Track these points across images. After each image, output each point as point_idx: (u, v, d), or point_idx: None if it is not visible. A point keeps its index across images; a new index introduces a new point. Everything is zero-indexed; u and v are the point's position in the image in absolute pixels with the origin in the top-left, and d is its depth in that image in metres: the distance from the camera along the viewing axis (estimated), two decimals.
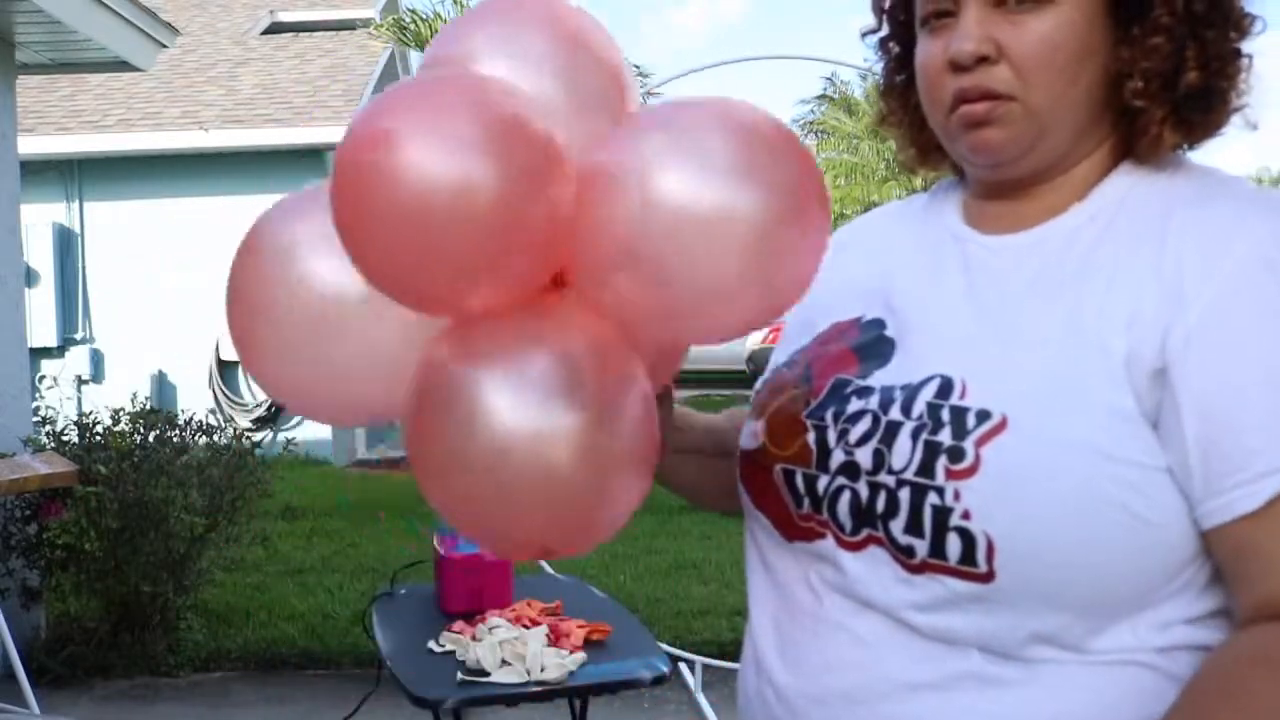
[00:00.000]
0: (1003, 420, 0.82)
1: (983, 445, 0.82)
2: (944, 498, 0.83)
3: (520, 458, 0.76)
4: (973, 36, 0.86)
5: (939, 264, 0.97)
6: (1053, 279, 0.89)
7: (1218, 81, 0.87)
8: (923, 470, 0.84)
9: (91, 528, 4.11)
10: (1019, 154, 0.90)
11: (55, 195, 9.10)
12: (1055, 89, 0.86)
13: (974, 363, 0.88)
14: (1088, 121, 0.89)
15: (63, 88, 9.61)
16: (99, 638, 4.37)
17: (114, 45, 4.99)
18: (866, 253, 1.05)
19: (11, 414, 4.61)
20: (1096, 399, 0.82)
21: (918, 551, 0.85)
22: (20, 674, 3.72)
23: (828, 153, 21.35)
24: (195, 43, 10.94)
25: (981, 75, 0.87)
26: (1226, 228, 0.83)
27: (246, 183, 9.26)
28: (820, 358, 0.98)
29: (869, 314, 0.99)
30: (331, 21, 12.17)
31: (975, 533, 0.81)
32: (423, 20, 10.04)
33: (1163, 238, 0.85)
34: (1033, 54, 0.86)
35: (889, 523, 0.86)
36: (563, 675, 2.23)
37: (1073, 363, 0.83)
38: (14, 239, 4.81)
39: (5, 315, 4.67)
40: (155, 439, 4.48)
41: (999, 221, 0.95)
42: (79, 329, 9.28)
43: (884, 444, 0.87)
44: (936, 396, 0.87)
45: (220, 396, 9.27)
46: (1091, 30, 0.86)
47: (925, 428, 0.85)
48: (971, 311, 0.91)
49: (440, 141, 0.72)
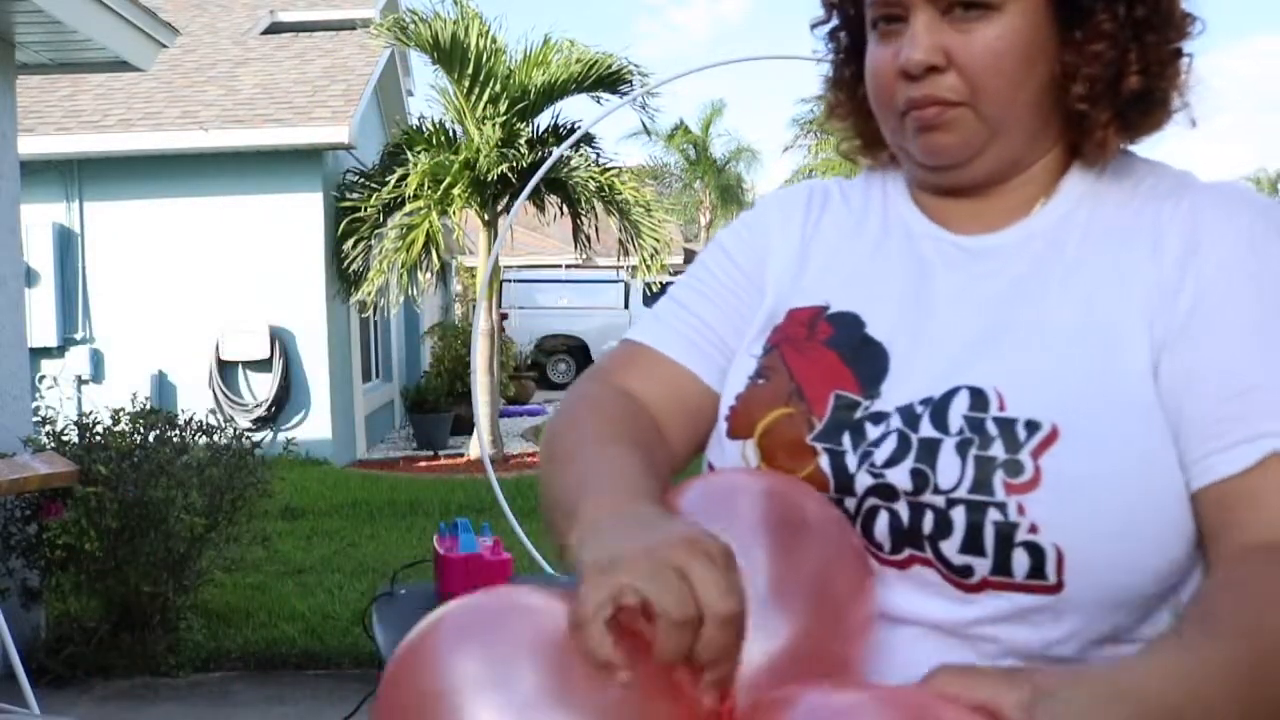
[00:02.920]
0: (1054, 430, 0.81)
1: (1039, 456, 0.81)
2: (1007, 513, 0.81)
3: None
4: (922, 46, 0.87)
5: (917, 263, 0.95)
6: (1047, 280, 0.89)
7: (1158, 84, 0.88)
8: (978, 487, 0.82)
9: (91, 528, 4.10)
10: (970, 157, 0.91)
11: (55, 195, 9.10)
12: (1004, 95, 0.87)
13: (1001, 371, 0.86)
14: (1038, 124, 0.90)
15: (63, 88, 9.60)
16: (99, 638, 4.37)
17: (114, 45, 4.99)
18: (802, 234, 1.01)
19: (11, 414, 4.61)
20: (1137, 399, 0.83)
21: (976, 571, 0.82)
22: (20, 674, 3.72)
23: (826, 153, 21.35)
24: (195, 43, 10.94)
25: (931, 84, 0.87)
26: (1212, 219, 0.86)
27: (246, 183, 9.26)
28: (804, 367, 0.92)
29: (835, 304, 0.95)
30: (331, 21, 12.17)
31: (1044, 545, 0.80)
32: (423, 20, 10.02)
33: (1155, 234, 0.87)
34: (980, 62, 0.86)
35: (939, 544, 0.83)
36: None
37: (1107, 365, 0.84)
38: (14, 239, 4.80)
39: (5, 315, 4.67)
40: (155, 439, 4.48)
41: (968, 221, 0.94)
42: (79, 329, 9.28)
43: (924, 463, 0.84)
44: (972, 409, 0.84)
45: (220, 396, 9.27)
46: (1037, 36, 0.87)
47: (972, 443, 0.83)
48: (972, 315, 0.90)
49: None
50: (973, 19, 0.86)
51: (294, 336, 9.44)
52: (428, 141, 10.17)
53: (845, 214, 1.02)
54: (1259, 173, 39.61)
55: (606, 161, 10.61)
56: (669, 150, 27.88)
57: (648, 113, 10.79)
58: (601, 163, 10.53)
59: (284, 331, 9.40)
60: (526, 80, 9.95)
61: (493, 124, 9.77)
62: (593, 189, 10.23)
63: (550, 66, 9.95)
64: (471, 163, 9.74)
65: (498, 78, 9.90)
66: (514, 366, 14.82)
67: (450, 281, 16.17)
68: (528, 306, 17.31)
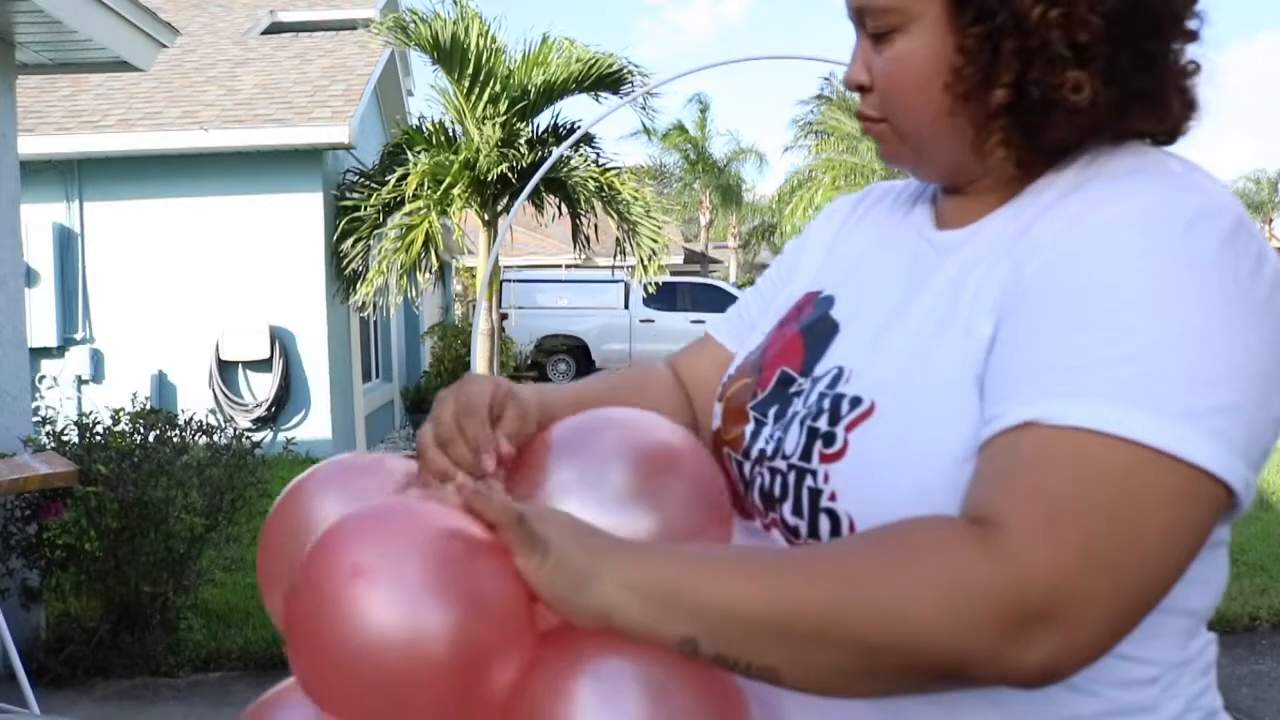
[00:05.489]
0: (871, 406, 0.86)
1: (851, 430, 0.86)
2: (817, 480, 0.88)
3: None
4: (852, 68, 0.94)
5: (897, 256, 0.99)
6: (966, 277, 0.89)
7: (1049, 93, 0.84)
8: (804, 455, 0.89)
9: (91, 528, 4.11)
10: (910, 165, 0.96)
11: (55, 195, 9.10)
12: (907, 112, 0.90)
13: (862, 353, 0.92)
14: (962, 136, 0.89)
15: (63, 88, 9.60)
16: (99, 638, 4.36)
17: (114, 45, 4.99)
18: (851, 226, 1.08)
19: (11, 414, 4.61)
20: (955, 381, 0.83)
21: (801, 533, 0.90)
22: (20, 674, 3.72)
23: (827, 153, 21.36)
24: (195, 43, 10.94)
25: (864, 102, 0.94)
26: (1085, 205, 0.83)
27: (246, 183, 9.26)
28: (775, 343, 1.01)
29: (826, 289, 1.02)
30: (331, 21, 12.18)
31: (840, 513, 0.86)
32: (422, 20, 10.03)
33: (1030, 225, 0.86)
34: (883, 82, 0.91)
35: (781, 506, 0.91)
36: None
37: (936, 347, 0.86)
38: (14, 239, 4.80)
39: (5, 315, 4.67)
40: (155, 439, 4.48)
41: (950, 217, 0.96)
42: (79, 329, 9.28)
43: (783, 431, 0.93)
44: (828, 386, 0.91)
45: (220, 396, 9.27)
46: (934, 56, 0.87)
47: (810, 415, 0.90)
48: (894, 307, 0.93)
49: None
50: (884, 41, 0.90)
51: (294, 336, 9.45)
52: (428, 141, 10.18)
53: (891, 210, 1.06)
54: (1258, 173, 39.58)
55: (606, 161, 10.62)
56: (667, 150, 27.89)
57: (648, 113, 10.79)
58: (601, 163, 10.53)
59: (284, 331, 9.40)
60: (526, 80, 9.95)
61: (493, 124, 9.77)
62: (592, 189, 10.23)
63: (550, 66, 9.95)
64: (471, 163, 9.74)
65: (497, 77, 9.90)
66: (514, 366, 14.83)
67: (450, 282, 16.17)
68: (528, 306, 17.31)
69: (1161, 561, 0.74)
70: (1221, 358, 0.75)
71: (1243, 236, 0.79)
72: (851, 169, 19.71)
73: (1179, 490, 0.73)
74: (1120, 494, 0.73)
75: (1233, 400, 0.74)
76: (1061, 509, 0.72)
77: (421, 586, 0.72)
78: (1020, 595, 0.70)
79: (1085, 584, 0.70)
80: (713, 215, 29.71)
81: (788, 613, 0.73)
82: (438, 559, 0.74)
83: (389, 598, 0.71)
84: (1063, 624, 0.70)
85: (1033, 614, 0.70)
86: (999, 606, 0.70)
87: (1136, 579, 0.72)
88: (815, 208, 20.22)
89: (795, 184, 22.33)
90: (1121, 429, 0.73)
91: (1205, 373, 0.74)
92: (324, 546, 0.75)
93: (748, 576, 0.75)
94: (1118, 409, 0.74)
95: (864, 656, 0.73)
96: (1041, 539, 0.71)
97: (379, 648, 0.71)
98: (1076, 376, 0.76)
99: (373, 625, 0.71)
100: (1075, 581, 0.70)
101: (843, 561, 0.75)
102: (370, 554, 0.73)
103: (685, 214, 30.11)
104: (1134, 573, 0.72)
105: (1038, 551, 0.71)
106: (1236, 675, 4.36)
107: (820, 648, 0.73)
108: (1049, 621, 0.70)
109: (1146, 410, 0.73)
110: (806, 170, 22.44)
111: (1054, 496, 0.73)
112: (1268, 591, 5.24)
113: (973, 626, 0.70)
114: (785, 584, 0.74)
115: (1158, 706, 0.84)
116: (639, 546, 0.80)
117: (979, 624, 0.70)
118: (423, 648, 0.71)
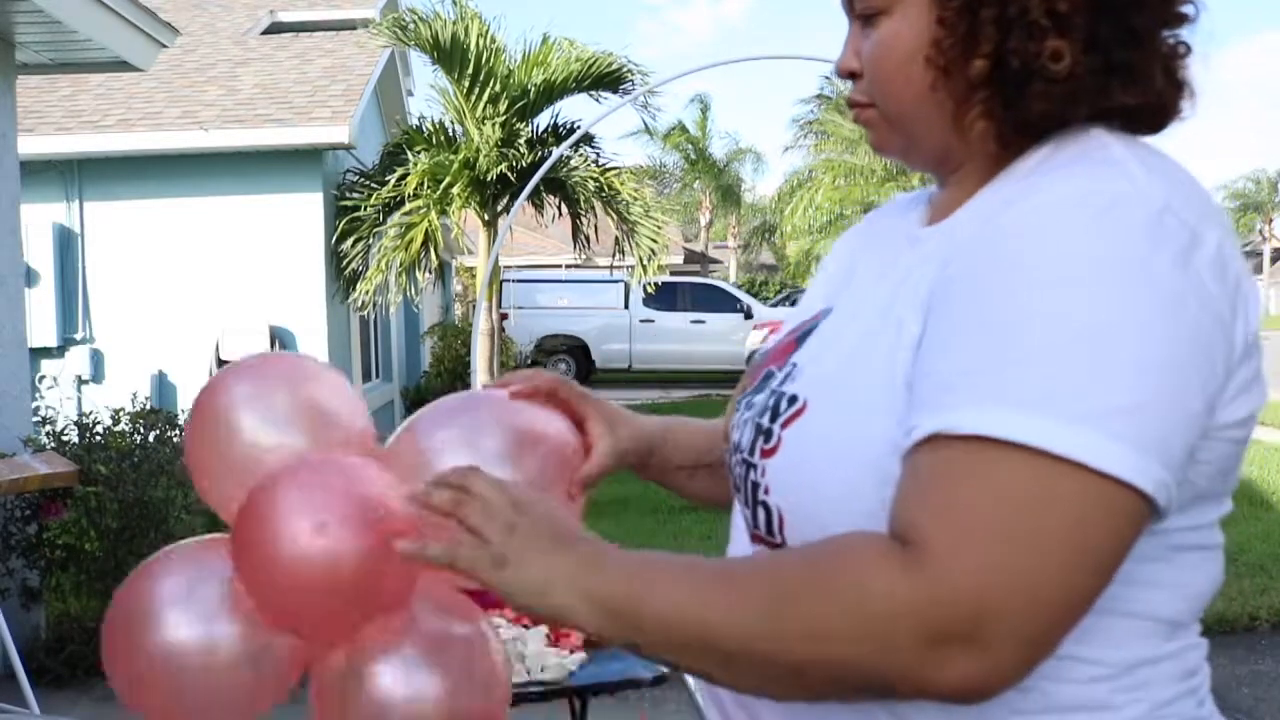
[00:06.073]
0: (804, 404, 0.88)
1: (786, 427, 0.89)
2: (757, 474, 0.91)
3: None
4: (843, 55, 0.95)
5: (881, 256, 0.98)
6: (922, 272, 0.87)
7: (1029, 64, 0.83)
8: (750, 450, 0.92)
9: (91, 528, 4.11)
10: (898, 153, 0.96)
11: (55, 195, 9.09)
12: (893, 90, 0.91)
13: (818, 352, 0.94)
14: (945, 120, 0.88)
15: (63, 88, 9.60)
16: (99, 638, 4.36)
17: (114, 45, 5.00)
18: (860, 244, 1.07)
19: (11, 414, 4.61)
20: (883, 380, 0.83)
21: (750, 523, 0.94)
22: (20, 674, 3.73)
23: (826, 153, 21.36)
24: (195, 43, 10.94)
25: (854, 89, 0.95)
26: (1010, 196, 0.82)
27: (246, 183, 9.25)
28: (774, 349, 1.03)
29: (829, 303, 1.01)
30: (331, 21, 12.17)
31: (772, 507, 0.89)
32: (422, 20, 10.02)
33: (959, 219, 0.87)
34: (869, 66, 0.92)
35: (739, 496, 0.96)
36: (563, 675, 2.23)
37: (868, 348, 0.86)
38: (14, 239, 4.81)
39: (5, 315, 4.67)
40: (155, 439, 4.49)
41: (937, 212, 0.95)
42: (79, 329, 9.27)
43: (743, 427, 0.96)
44: (779, 383, 0.93)
45: None
46: (916, 37, 0.88)
47: (759, 412, 0.93)
48: (861, 304, 0.94)
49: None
50: (871, 25, 0.91)
51: (294, 336, 9.44)
52: (427, 141, 10.18)
53: (898, 214, 1.04)
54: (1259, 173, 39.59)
55: (606, 161, 10.61)
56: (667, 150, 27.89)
57: (649, 112, 10.79)
58: (601, 163, 10.53)
59: (284, 331, 9.40)
60: (526, 80, 9.95)
61: (492, 124, 9.77)
62: (592, 189, 10.23)
63: (550, 66, 9.95)
64: (471, 162, 9.74)
65: (497, 77, 9.90)
66: (514, 366, 14.83)
67: (450, 281, 16.18)
68: (528, 306, 17.30)
69: (1078, 575, 0.72)
70: (1127, 353, 0.72)
71: (1168, 224, 0.76)
72: (851, 169, 19.71)
73: (1086, 499, 0.71)
74: (1026, 507, 0.71)
75: (1139, 400, 0.72)
76: (971, 526, 0.72)
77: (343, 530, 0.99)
78: (937, 616, 0.70)
79: (1000, 602, 0.70)
80: (713, 215, 29.71)
81: (715, 633, 0.77)
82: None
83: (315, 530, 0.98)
84: (979, 643, 0.70)
85: (950, 634, 0.70)
86: (916, 627, 0.71)
87: (1052, 594, 0.71)
88: (815, 208, 20.23)
89: (795, 184, 22.34)
90: (1021, 435, 0.71)
91: (1109, 370, 0.72)
92: (270, 504, 1.01)
93: (687, 594, 0.79)
94: (1017, 414, 0.72)
95: (790, 672, 0.75)
96: (955, 558, 0.71)
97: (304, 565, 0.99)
98: (979, 380, 0.74)
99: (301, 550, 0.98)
100: (989, 600, 0.70)
101: (775, 580, 0.78)
102: (313, 510, 0.99)
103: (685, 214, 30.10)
104: (1048, 588, 0.71)
105: (953, 571, 0.71)
106: (1236, 675, 4.36)
107: (748, 662, 0.76)
108: (966, 641, 0.70)
109: (1046, 415, 0.71)
110: (806, 170, 22.45)
111: (963, 513, 0.72)
112: (1268, 591, 5.23)
113: (891, 647, 0.71)
114: (719, 603, 0.78)
115: (1109, 705, 0.82)
116: (594, 553, 0.84)
117: (898, 645, 0.71)
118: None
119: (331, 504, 0.99)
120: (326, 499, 0.99)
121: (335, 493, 1.00)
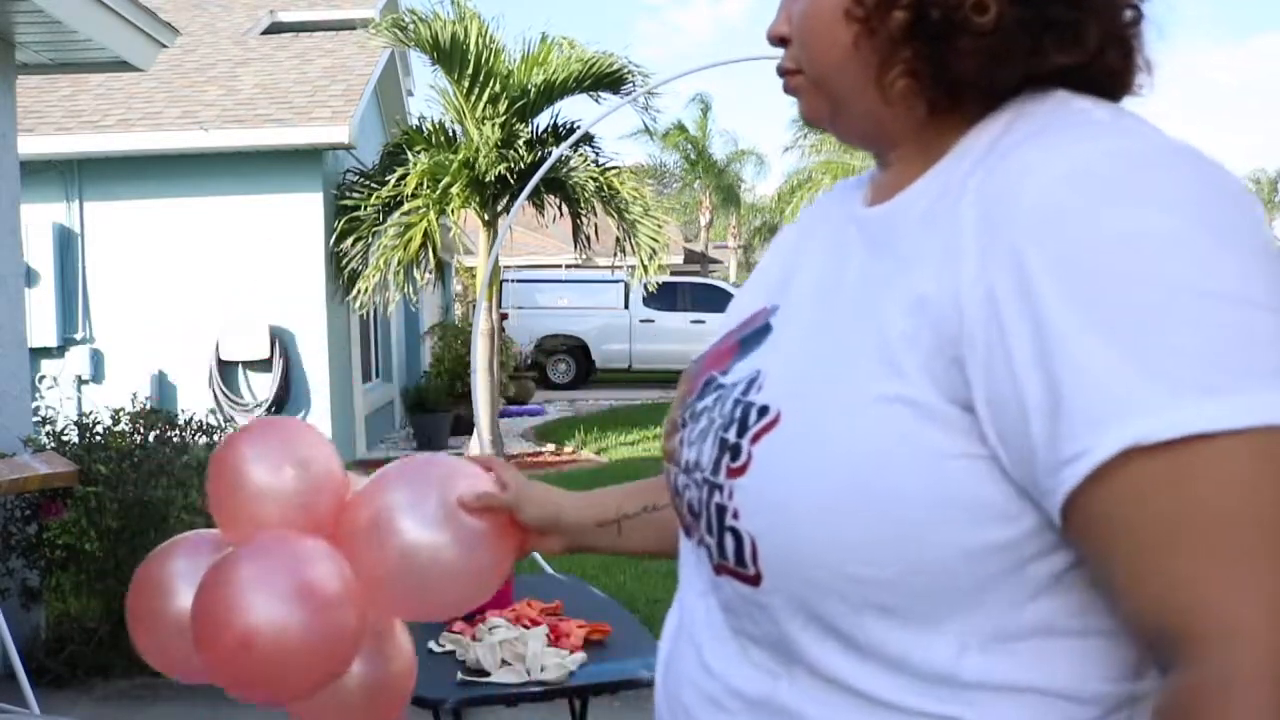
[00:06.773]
0: (776, 416, 0.79)
1: (755, 443, 0.79)
2: (723, 496, 0.81)
3: None
4: (774, 22, 0.90)
5: (823, 243, 0.92)
6: (877, 262, 0.82)
7: (945, 12, 0.78)
8: (714, 469, 0.83)
9: (91, 528, 4.11)
10: (827, 122, 0.90)
11: (55, 195, 9.10)
12: (816, 58, 0.86)
13: (777, 357, 0.85)
14: (879, 65, 0.82)
15: (63, 88, 9.60)
16: (99, 638, 4.37)
17: (114, 45, 5.00)
18: (798, 236, 1.00)
19: (11, 414, 4.61)
20: (865, 391, 0.75)
21: (712, 554, 0.84)
22: (20, 674, 3.73)
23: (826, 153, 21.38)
24: (195, 43, 10.94)
25: (785, 55, 0.90)
26: (1016, 178, 0.72)
27: (246, 183, 9.26)
28: (712, 353, 0.95)
29: (772, 301, 0.93)
30: (331, 21, 12.17)
31: (742, 533, 0.79)
32: (422, 20, 10.02)
33: (956, 206, 0.75)
34: (796, 29, 0.88)
35: (699, 522, 0.85)
36: (563, 675, 2.23)
37: (847, 354, 0.78)
38: (14, 239, 4.81)
39: (5, 315, 4.67)
40: (155, 439, 4.49)
41: (879, 192, 0.88)
42: (79, 329, 9.28)
43: (700, 443, 0.86)
44: (742, 392, 0.84)
45: (220, 396, 9.27)
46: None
47: (723, 425, 0.83)
48: (817, 301, 0.87)
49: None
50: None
51: (294, 336, 9.45)
52: (427, 141, 10.18)
53: (838, 199, 0.98)
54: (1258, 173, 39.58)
55: (606, 161, 10.61)
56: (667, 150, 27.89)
57: (649, 113, 10.79)
58: (601, 163, 10.53)
59: (284, 331, 9.41)
60: (526, 80, 9.95)
61: (492, 124, 9.77)
62: (592, 189, 10.23)
63: (549, 66, 9.94)
64: (471, 162, 9.74)
65: (497, 77, 9.90)
66: (514, 366, 14.83)
67: (450, 281, 16.18)
68: (528, 306, 17.31)
69: None
70: (1272, 303, 0.66)
71: (1222, 170, 0.71)
72: (850, 169, 19.73)
73: None
74: (1268, 501, 0.64)
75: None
76: (1236, 559, 0.63)
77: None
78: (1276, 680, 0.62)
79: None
80: (713, 215, 29.71)
81: None
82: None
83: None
84: None
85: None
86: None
87: None
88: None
89: (795, 184, 22.36)
90: (1229, 420, 0.63)
91: (1267, 327, 0.66)
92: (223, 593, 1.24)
93: None
94: (1210, 400, 0.64)
95: None
96: (1251, 623, 0.63)
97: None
98: (1151, 381, 0.64)
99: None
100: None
101: None
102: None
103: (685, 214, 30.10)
104: None
105: (1258, 634, 0.62)
106: None
107: None
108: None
109: (1251, 389, 0.64)
110: (806, 170, 22.46)
111: (1219, 551, 0.64)
112: None
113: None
114: None
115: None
116: None
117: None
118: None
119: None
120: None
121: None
